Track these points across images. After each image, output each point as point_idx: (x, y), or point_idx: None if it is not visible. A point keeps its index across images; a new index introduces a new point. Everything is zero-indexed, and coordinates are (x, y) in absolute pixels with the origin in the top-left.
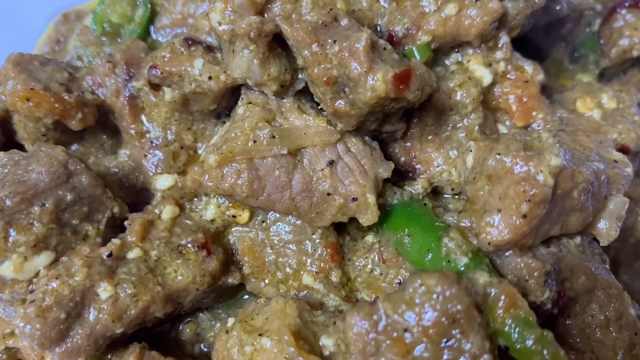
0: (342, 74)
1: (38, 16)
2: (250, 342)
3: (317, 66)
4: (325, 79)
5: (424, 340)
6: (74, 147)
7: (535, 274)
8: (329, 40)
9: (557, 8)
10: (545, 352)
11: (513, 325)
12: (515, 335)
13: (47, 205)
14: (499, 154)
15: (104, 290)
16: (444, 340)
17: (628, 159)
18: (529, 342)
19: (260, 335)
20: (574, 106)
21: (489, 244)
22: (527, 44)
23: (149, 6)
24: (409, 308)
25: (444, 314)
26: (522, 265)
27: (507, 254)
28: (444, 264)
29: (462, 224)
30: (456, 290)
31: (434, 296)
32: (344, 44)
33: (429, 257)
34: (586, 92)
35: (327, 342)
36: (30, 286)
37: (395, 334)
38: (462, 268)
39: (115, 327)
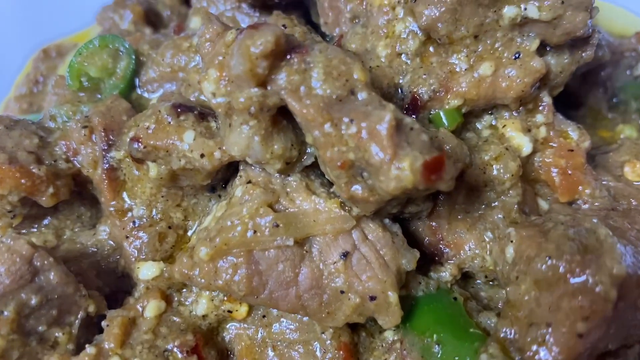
0: (360, 158)
1: (15, 52)
2: None
3: (329, 148)
4: (339, 163)
5: None
6: (46, 220)
7: None
8: (345, 119)
9: (600, 54)
10: None
11: None
12: None
13: (6, 314)
14: (549, 257)
15: None
16: None
17: None
18: None
19: None
20: (622, 172)
21: None
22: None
23: (134, 57)
24: None
25: None
26: None
27: None
28: None
29: (502, 335)
30: None
31: None
32: (363, 124)
33: None
34: (634, 154)
35: None
36: None
37: None
38: None
39: None
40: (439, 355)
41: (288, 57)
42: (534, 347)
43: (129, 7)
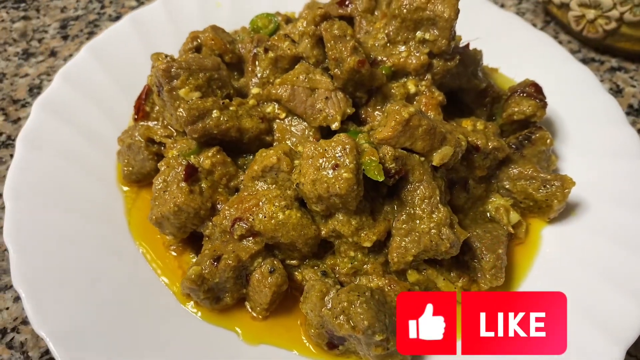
0: (339, 57)
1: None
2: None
3: (331, 51)
4: (333, 57)
5: (331, 154)
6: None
7: (390, 153)
8: (339, 43)
9: (476, 81)
10: (376, 170)
11: (369, 161)
12: (368, 163)
13: (207, 74)
14: (398, 107)
15: (215, 113)
16: (338, 155)
17: (479, 155)
18: (372, 165)
19: None
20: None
21: (376, 138)
22: (462, 103)
23: (277, 23)
24: (332, 146)
25: (342, 147)
26: (386, 150)
27: (383, 146)
28: None
29: (371, 132)
30: (350, 140)
31: (342, 140)
32: (344, 45)
33: None
34: (470, 121)
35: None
36: (188, 102)
37: (322, 151)
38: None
39: (214, 130)
40: None
41: (327, 20)
42: (377, 133)
43: None
